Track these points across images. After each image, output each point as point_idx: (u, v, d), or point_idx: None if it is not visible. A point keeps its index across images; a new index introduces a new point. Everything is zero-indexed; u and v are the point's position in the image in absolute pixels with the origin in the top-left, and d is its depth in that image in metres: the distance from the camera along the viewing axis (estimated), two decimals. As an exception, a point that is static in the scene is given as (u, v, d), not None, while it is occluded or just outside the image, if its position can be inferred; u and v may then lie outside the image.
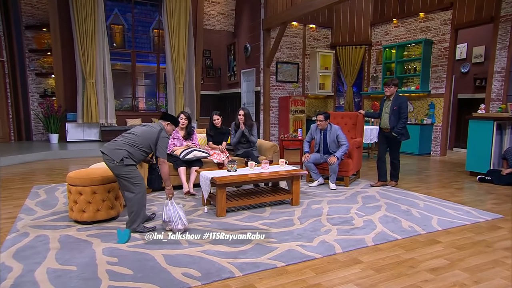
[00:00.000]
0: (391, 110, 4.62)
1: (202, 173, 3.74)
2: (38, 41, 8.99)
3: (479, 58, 8.28)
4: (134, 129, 3.13)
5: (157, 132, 3.10)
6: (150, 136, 3.07)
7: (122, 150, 2.93)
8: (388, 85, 4.65)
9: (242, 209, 3.72)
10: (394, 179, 4.87)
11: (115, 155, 2.89)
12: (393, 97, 4.64)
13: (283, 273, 2.31)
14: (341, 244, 2.78)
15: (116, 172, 2.93)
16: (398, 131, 4.58)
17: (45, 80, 9.25)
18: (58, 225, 3.16)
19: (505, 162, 5.17)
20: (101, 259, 2.47)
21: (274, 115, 9.47)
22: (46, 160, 6.90)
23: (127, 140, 3.00)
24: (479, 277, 2.30)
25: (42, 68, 9.10)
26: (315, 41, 9.75)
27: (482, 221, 3.42)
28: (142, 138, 3.04)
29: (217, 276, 2.24)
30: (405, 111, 4.56)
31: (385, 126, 4.73)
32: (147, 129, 3.12)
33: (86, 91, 8.67)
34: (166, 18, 9.38)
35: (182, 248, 2.67)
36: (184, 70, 9.73)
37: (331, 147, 4.73)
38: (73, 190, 3.16)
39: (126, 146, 2.96)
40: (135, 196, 2.95)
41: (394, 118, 4.60)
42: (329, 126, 4.76)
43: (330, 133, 4.72)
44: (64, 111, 8.77)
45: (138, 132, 3.07)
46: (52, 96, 8.99)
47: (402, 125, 4.58)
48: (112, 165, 2.90)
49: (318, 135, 4.82)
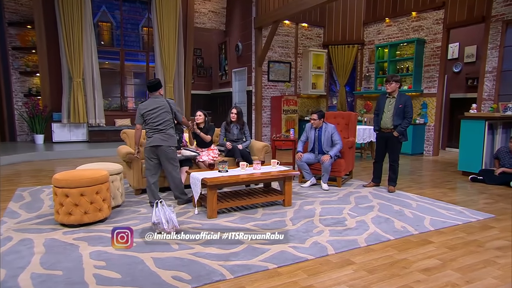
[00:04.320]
0: (395, 108, 4.38)
1: (193, 174, 3.72)
2: (22, 38, 8.84)
3: (471, 58, 8.42)
4: (158, 117, 3.71)
5: (166, 103, 3.79)
6: (168, 111, 3.77)
7: (174, 136, 3.78)
8: (388, 81, 4.42)
9: (234, 210, 3.72)
10: (393, 184, 4.60)
11: (173, 142, 3.76)
12: (397, 95, 4.43)
13: (275, 275, 2.32)
14: (334, 245, 2.80)
15: (171, 156, 3.75)
16: (401, 130, 4.38)
17: (30, 79, 9.10)
18: (43, 229, 3.12)
19: (497, 162, 5.26)
20: (88, 263, 2.44)
21: (266, 115, 9.48)
22: (31, 162, 6.80)
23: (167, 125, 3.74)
24: (470, 277, 2.34)
25: (26, 66, 8.95)
26: (308, 40, 9.80)
27: (474, 221, 3.47)
28: (170, 116, 3.77)
29: (208, 279, 2.24)
30: (411, 110, 4.35)
31: (386, 126, 4.48)
32: (162, 109, 3.73)
33: (72, 90, 8.56)
34: (156, 15, 9.32)
35: (172, 251, 2.65)
36: (174, 69, 9.69)
37: (325, 146, 4.72)
38: (59, 192, 3.12)
39: (172, 131, 3.77)
40: (177, 171, 3.81)
41: (398, 117, 4.38)
42: (325, 124, 4.76)
43: (325, 131, 4.70)
44: (50, 111, 8.65)
45: (165, 117, 3.74)
46: (37, 95, 8.85)
47: (406, 125, 4.37)
48: (170, 150, 3.73)
49: (313, 133, 4.81)
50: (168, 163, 3.77)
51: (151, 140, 3.73)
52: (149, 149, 3.76)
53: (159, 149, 3.71)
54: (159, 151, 3.72)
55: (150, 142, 3.73)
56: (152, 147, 3.73)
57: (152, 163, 3.80)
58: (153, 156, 3.78)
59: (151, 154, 3.77)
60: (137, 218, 3.45)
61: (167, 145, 3.70)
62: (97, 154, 7.51)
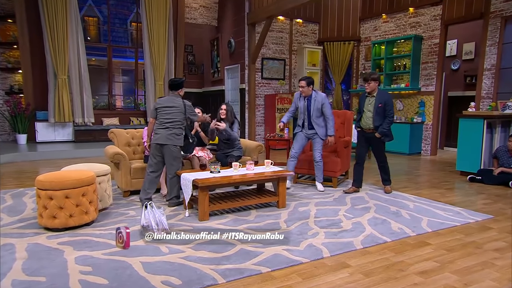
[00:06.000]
0: (375, 108, 4.34)
1: (184, 174, 3.71)
2: (2, 33, 8.73)
3: (469, 55, 8.53)
4: (169, 115, 3.80)
5: (182, 104, 3.86)
6: (182, 111, 3.86)
7: (181, 136, 3.86)
8: (366, 80, 4.35)
9: (226, 212, 3.72)
10: (387, 183, 4.61)
11: (179, 141, 3.82)
12: (376, 94, 4.38)
13: (269, 279, 2.32)
14: (329, 247, 2.81)
15: (175, 155, 3.82)
16: (383, 131, 4.34)
17: (12, 75, 8.99)
18: (25, 233, 3.08)
19: (496, 161, 5.33)
20: (74, 269, 2.42)
21: (260, 113, 9.49)
22: (13, 162, 6.71)
23: (176, 125, 3.81)
24: (468, 279, 2.36)
25: (7, 62, 8.84)
26: (302, 37, 9.83)
27: (472, 222, 3.52)
28: (181, 117, 3.85)
29: (199, 284, 2.23)
30: (391, 109, 4.32)
31: (367, 126, 4.45)
32: (176, 109, 3.82)
33: (57, 88, 8.48)
34: (145, 10, 9.27)
35: (161, 255, 2.64)
36: (164, 66, 9.65)
37: (314, 117, 4.54)
38: (43, 194, 3.08)
39: (180, 131, 3.84)
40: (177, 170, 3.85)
41: (379, 117, 4.34)
42: (314, 93, 4.56)
43: (315, 100, 4.51)
44: (33, 110, 8.55)
45: (177, 117, 3.83)
46: (20, 93, 8.74)
47: (388, 125, 4.32)
48: (176, 149, 3.81)
49: (302, 102, 4.61)
50: (172, 162, 3.84)
51: (158, 137, 3.81)
52: (154, 146, 3.84)
53: (164, 147, 3.79)
54: (164, 150, 3.80)
55: (157, 139, 3.81)
56: (158, 145, 3.81)
57: (156, 160, 3.86)
58: (157, 154, 3.84)
59: (156, 152, 3.84)
60: (126, 221, 3.42)
61: (172, 144, 3.78)
62: (83, 154, 7.45)
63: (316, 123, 4.57)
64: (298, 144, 4.68)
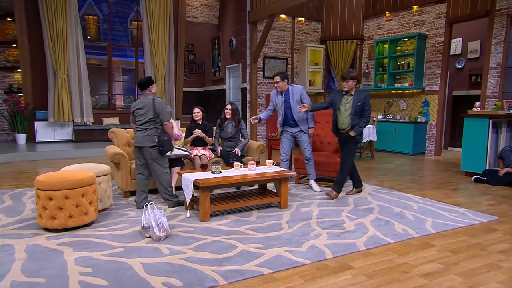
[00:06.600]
0: (353, 106, 4.23)
1: (184, 175, 3.72)
2: (1, 31, 8.77)
3: (475, 54, 8.50)
4: (141, 116, 3.76)
5: (150, 102, 3.74)
6: (151, 110, 3.73)
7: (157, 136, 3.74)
8: (345, 79, 4.25)
9: (227, 213, 3.72)
10: (336, 188, 4.30)
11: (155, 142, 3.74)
12: (354, 92, 4.29)
13: (270, 281, 2.32)
14: (332, 249, 2.81)
15: (155, 156, 3.76)
16: (359, 130, 4.25)
17: (11, 74, 9.02)
18: (25, 234, 3.09)
19: (501, 162, 5.31)
20: (73, 270, 2.42)
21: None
22: (13, 163, 6.73)
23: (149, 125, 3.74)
24: (473, 281, 2.36)
25: (6, 61, 8.87)
26: (305, 35, 9.82)
27: (477, 223, 3.50)
28: (151, 116, 3.73)
29: (200, 285, 2.23)
30: (369, 108, 4.24)
31: (344, 126, 4.32)
32: (145, 108, 3.73)
33: (57, 87, 8.50)
34: (145, 9, 9.29)
35: (162, 256, 2.64)
36: (165, 65, 9.66)
37: (295, 109, 4.51)
38: (42, 195, 3.09)
39: (154, 131, 3.75)
40: (163, 171, 3.82)
41: (357, 116, 4.24)
42: (290, 87, 4.58)
43: (292, 93, 4.54)
44: (33, 109, 8.57)
45: (147, 116, 3.73)
46: (19, 92, 8.77)
47: (364, 124, 4.25)
48: (153, 151, 3.74)
49: (280, 99, 4.62)
50: (153, 164, 3.83)
51: (136, 140, 3.86)
52: (135, 149, 3.89)
53: (143, 150, 3.81)
54: (144, 152, 3.81)
55: (135, 142, 3.87)
56: (137, 148, 3.86)
57: (140, 162, 3.90)
58: (139, 156, 3.88)
59: (138, 154, 3.88)
60: (126, 221, 3.43)
61: (148, 145, 3.75)
62: (83, 154, 7.47)
63: (298, 116, 4.59)
64: (286, 146, 4.76)
